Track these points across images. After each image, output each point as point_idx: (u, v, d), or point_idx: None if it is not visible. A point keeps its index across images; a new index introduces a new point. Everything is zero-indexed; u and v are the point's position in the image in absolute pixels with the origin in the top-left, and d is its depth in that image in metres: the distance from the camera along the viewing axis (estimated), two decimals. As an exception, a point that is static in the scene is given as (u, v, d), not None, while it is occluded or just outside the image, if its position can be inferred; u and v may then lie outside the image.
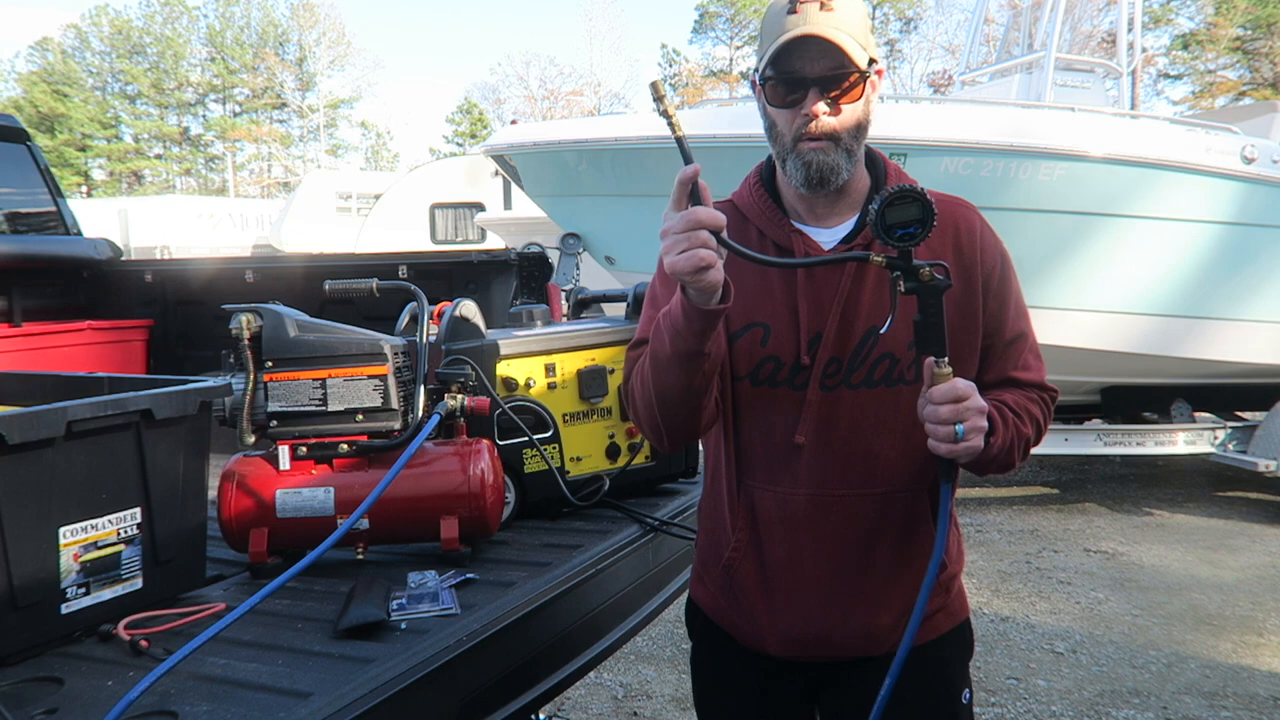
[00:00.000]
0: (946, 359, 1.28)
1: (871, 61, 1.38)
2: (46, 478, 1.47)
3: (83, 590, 1.53)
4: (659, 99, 1.22)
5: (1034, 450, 1.50)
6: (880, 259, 1.28)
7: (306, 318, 1.93)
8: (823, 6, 1.34)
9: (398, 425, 1.90)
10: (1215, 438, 6.72)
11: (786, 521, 1.47)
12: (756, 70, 1.43)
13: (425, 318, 2.05)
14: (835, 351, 1.42)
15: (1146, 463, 8.05)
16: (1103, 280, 6.16)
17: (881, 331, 1.37)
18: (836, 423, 1.42)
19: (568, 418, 2.23)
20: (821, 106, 1.36)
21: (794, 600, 1.48)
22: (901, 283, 1.27)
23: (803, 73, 1.36)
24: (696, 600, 1.68)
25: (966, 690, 1.57)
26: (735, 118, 6.55)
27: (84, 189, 44.48)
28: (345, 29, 50.52)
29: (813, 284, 1.43)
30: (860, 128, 1.40)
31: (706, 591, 1.64)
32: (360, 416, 1.88)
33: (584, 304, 2.64)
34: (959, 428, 1.26)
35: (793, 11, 1.35)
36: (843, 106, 1.37)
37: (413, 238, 14.48)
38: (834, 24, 1.34)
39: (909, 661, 1.45)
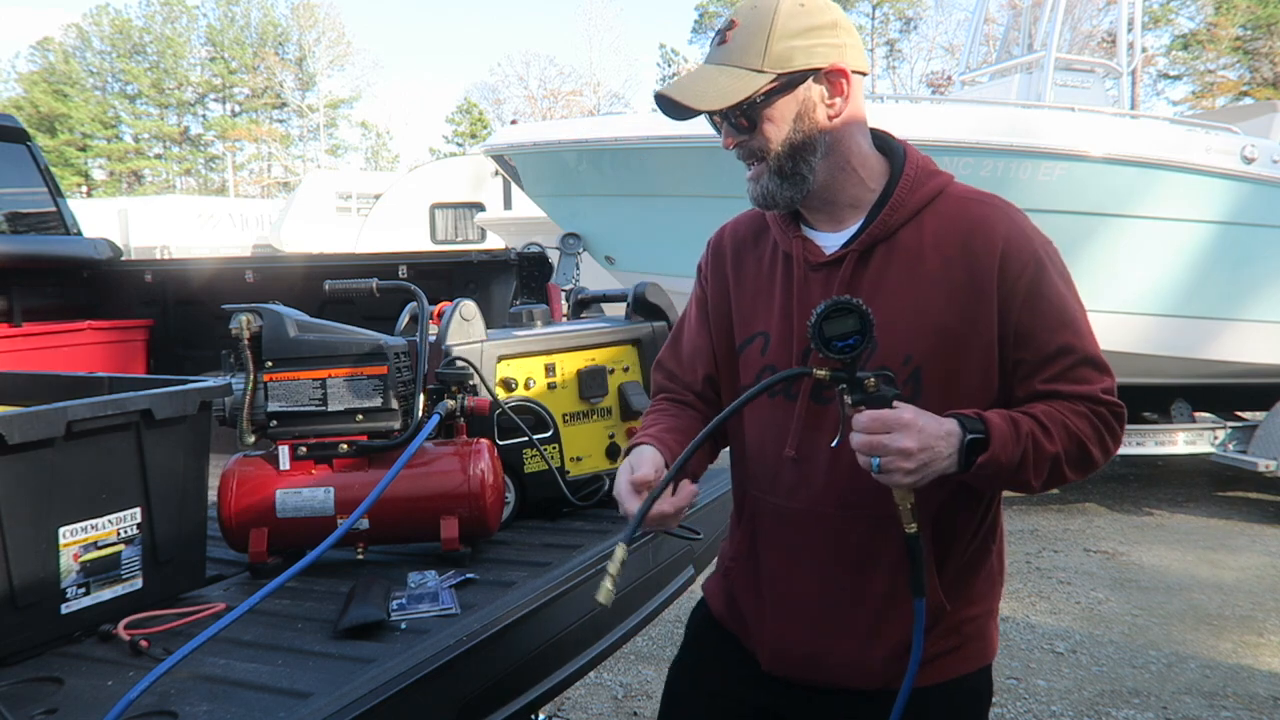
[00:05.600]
0: None
1: (803, 73, 1.32)
2: (46, 478, 1.47)
3: (83, 590, 1.53)
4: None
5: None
6: (824, 373, 1.23)
7: (306, 318, 1.93)
8: (723, 41, 1.35)
9: (398, 425, 1.90)
10: (1215, 438, 6.72)
11: (781, 535, 1.43)
12: None
13: (425, 318, 2.05)
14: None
15: (1146, 463, 8.05)
16: (1102, 280, 6.14)
17: (834, 445, 1.32)
18: (826, 438, 1.35)
19: (568, 418, 2.23)
20: (730, 139, 1.38)
21: (784, 617, 1.43)
22: (848, 396, 1.22)
23: (707, 110, 1.36)
24: (705, 591, 1.66)
25: None
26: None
27: (84, 189, 44.46)
28: (345, 29, 50.54)
29: (808, 292, 1.39)
30: (791, 145, 1.35)
31: (714, 588, 1.63)
32: (360, 416, 1.88)
33: (584, 304, 2.64)
34: (874, 461, 1.20)
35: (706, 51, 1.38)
36: (754, 133, 1.35)
37: (413, 238, 14.48)
38: (722, 58, 1.34)
39: (909, 708, 1.34)
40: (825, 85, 1.34)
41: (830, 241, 1.41)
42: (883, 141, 1.45)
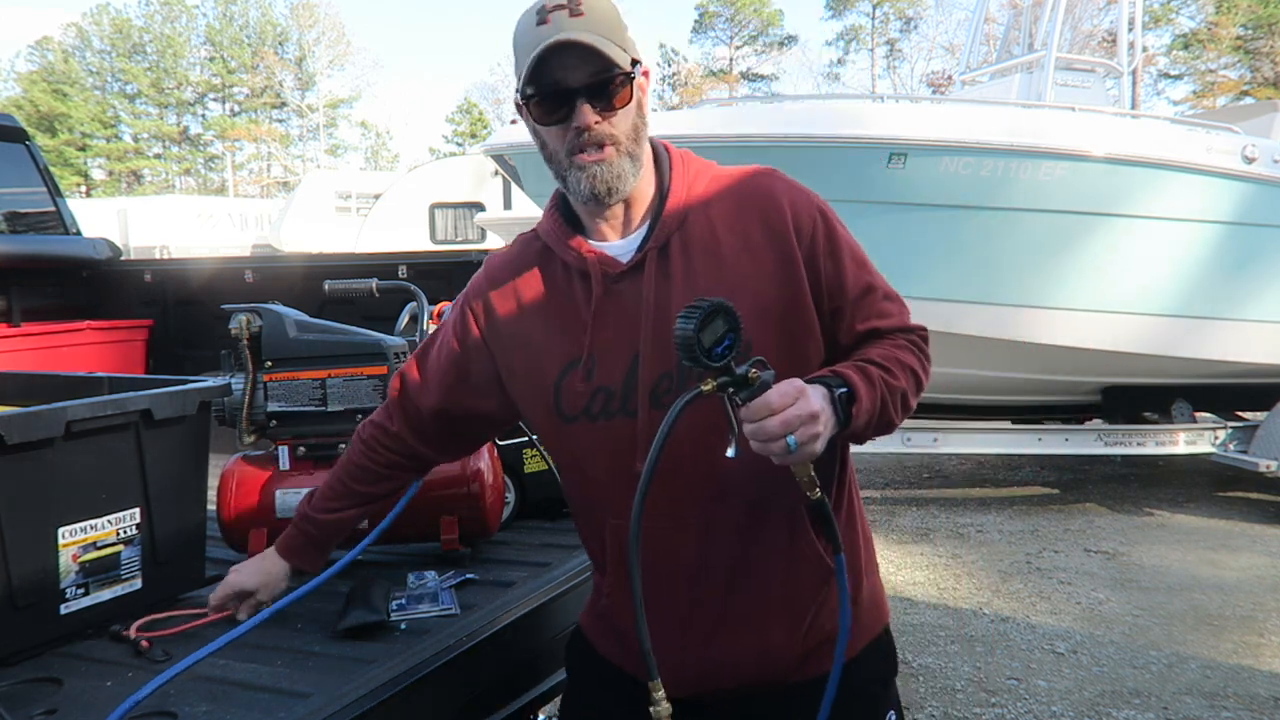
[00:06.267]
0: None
1: (635, 62, 1.31)
2: (46, 478, 1.47)
3: (82, 591, 1.53)
4: None
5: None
6: (710, 385, 1.17)
7: (306, 318, 1.93)
8: (572, 13, 1.26)
9: (398, 425, 1.89)
10: (1215, 438, 6.71)
11: (651, 554, 1.29)
12: (518, 90, 1.33)
13: (425, 318, 2.05)
14: (661, 366, 1.30)
15: (1147, 463, 8.04)
16: (1103, 280, 6.15)
17: (730, 454, 1.21)
18: (679, 442, 1.24)
19: (568, 418, 2.22)
20: (592, 116, 1.28)
21: (675, 635, 1.33)
22: (739, 396, 1.17)
23: (566, 83, 1.28)
24: (584, 628, 1.53)
25: (891, 712, 1.44)
26: (734, 118, 6.54)
27: (83, 189, 44.48)
28: (345, 29, 50.59)
29: (616, 302, 1.34)
30: (638, 131, 1.33)
31: (596, 628, 1.51)
32: (360, 416, 1.88)
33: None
34: (790, 440, 1.14)
35: (543, 22, 1.27)
36: (616, 111, 1.29)
37: (413, 238, 14.48)
38: (586, 28, 1.26)
39: (817, 690, 1.30)
40: (643, 82, 1.34)
41: (621, 250, 1.37)
42: None
